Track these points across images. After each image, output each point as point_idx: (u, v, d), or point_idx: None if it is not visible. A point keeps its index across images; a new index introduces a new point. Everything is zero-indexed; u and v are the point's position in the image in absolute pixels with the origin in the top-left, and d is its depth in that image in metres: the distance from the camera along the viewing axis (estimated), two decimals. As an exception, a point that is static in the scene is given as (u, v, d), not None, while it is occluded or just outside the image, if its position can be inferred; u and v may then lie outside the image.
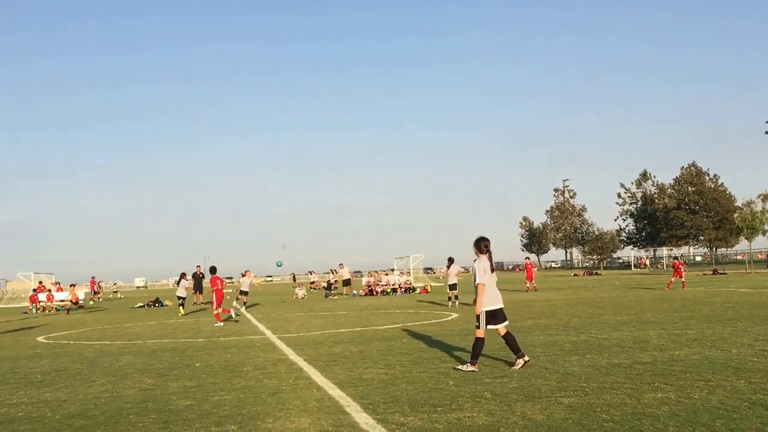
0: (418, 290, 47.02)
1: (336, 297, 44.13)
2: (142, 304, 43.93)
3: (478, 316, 11.09)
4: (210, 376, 11.44)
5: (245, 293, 34.00)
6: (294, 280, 76.61)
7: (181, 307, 32.39)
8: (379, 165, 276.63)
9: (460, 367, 11.06)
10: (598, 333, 15.35)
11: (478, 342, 10.97)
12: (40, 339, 20.93)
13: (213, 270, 24.97)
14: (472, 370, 10.78)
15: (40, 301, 43.58)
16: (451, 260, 29.96)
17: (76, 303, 38.54)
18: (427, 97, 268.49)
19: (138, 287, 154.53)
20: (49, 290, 46.14)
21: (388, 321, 21.73)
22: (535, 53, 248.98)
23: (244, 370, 12.03)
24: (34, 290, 45.88)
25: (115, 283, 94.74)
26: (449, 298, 28.92)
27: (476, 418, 7.47)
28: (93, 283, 59.90)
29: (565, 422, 7.12)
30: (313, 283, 65.43)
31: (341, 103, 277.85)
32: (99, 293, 65.62)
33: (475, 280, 11.22)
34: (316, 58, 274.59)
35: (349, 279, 47.95)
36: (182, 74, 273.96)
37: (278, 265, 37.23)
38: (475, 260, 11.38)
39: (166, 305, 42.28)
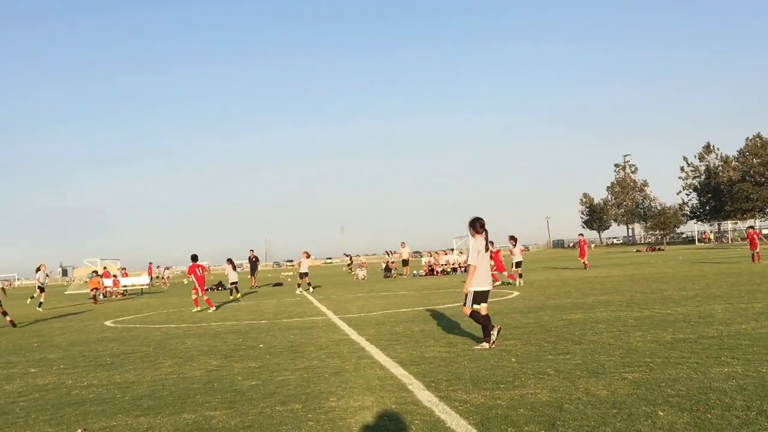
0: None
1: (395, 276, 44.21)
2: (205, 288, 44.47)
3: (466, 295, 11.35)
4: (274, 357, 11.57)
5: (305, 275, 34.07)
6: (351, 261, 77.06)
7: (236, 292, 33.04)
8: (437, 144, 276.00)
9: (477, 346, 11.22)
10: (662, 308, 15.13)
11: (484, 319, 11.23)
12: (108, 323, 21.39)
13: (194, 258, 25.64)
14: (494, 346, 11.02)
15: (106, 287, 44.49)
16: (515, 239, 29.79)
17: (96, 291, 37.36)
18: (485, 77, 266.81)
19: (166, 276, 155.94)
20: (115, 275, 47.03)
21: (449, 300, 21.72)
22: (592, 29, 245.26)
23: (307, 350, 12.15)
24: (100, 276, 46.78)
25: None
26: (518, 276, 28.80)
27: (539, 395, 7.44)
28: (150, 268, 60.71)
29: (630, 397, 7.05)
30: (348, 265, 65.98)
31: (395, 83, 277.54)
32: (165, 278, 66.99)
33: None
34: (364, 41, 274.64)
35: (408, 259, 48.01)
36: (240, 58, 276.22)
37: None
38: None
39: (229, 288, 42.73)
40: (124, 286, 46.53)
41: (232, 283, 33.43)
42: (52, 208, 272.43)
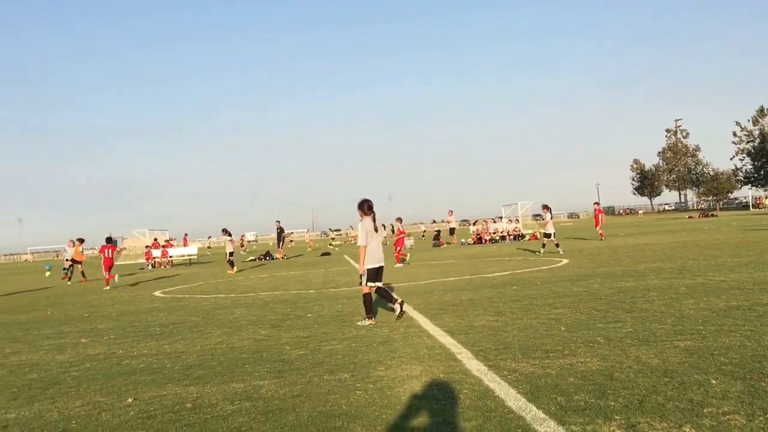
0: (527, 237, 46.53)
1: (444, 245, 44.10)
2: (253, 258, 44.87)
3: (361, 275, 11.76)
4: (321, 327, 11.60)
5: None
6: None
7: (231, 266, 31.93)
8: (486, 111, 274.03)
9: (359, 323, 11.64)
10: (715, 275, 14.85)
11: (366, 297, 11.70)
12: (157, 293, 21.66)
13: (108, 240, 27.55)
14: (370, 324, 11.47)
15: (154, 257, 45.10)
16: (548, 207, 29.49)
17: (79, 263, 33.45)
18: (537, 41, 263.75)
19: (249, 241, 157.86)
20: (163, 246, 47.58)
21: (497, 268, 21.58)
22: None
23: (355, 319, 12.13)
24: (148, 246, 47.38)
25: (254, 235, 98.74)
26: (557, 245, 28.61)
27: (589, 363, 7.34)
28: (186, 240, 60.73)
29: (682, 366, 6.92)
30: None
31: (444, 48, 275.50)
32: (244, 246, 68.63)
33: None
34: (424, 4, 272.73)
35: (455, 227, 47.88)
36: (279, 27, 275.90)
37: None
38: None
39: (276, 258, 43.05)
40: (171, 256, 47.04)
41: (230, 253, 32.48)
42: (100, 179, 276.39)
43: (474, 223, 53.94)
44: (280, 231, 44.54)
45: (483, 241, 45.99)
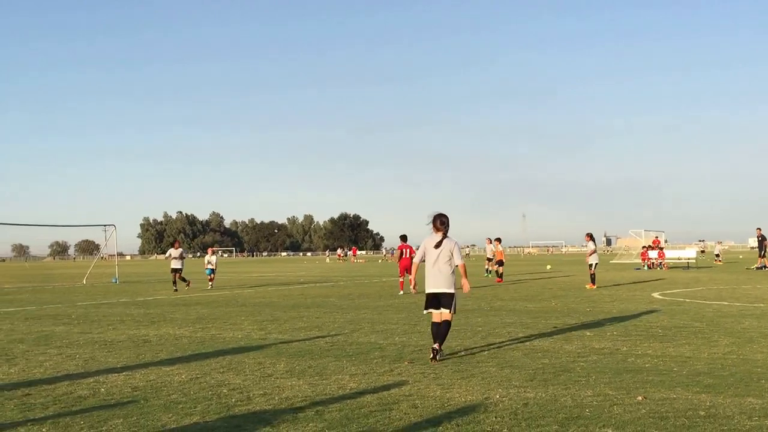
0: None
1: None
2: (759, 266, 42.05)
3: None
4: None
5: None
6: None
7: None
8: None
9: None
10: None
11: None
12: (656, 295, 21.26)
13: (403, 238, 26.02)
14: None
15: (650, 258, 44.58)
16: None
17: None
18: None
19: (752, 248, 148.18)
20: (661, 248, 46.67)
21: None
22: None
23: None
24: (644, 247, 46.98)
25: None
26: None
27: None
28: (657, 241, 57.35)
29: None
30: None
31: None
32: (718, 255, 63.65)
33: None
34: None
35: None
36: None
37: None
38: None
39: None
40: (668, 258, 45.93)
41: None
42: (602, 178, 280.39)
43: None
44: (762, 239, 41.64)
45: None
